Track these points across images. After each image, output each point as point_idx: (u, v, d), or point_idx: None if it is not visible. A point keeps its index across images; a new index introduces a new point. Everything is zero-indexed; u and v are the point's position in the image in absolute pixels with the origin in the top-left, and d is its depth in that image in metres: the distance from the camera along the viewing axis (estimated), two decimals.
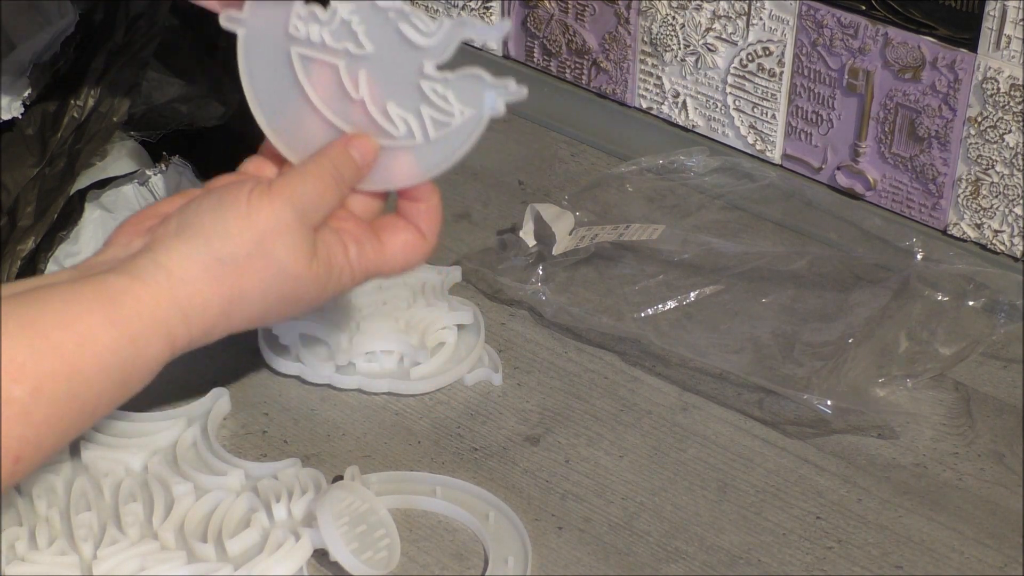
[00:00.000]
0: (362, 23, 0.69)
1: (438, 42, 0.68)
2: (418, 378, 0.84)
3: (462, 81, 0.69)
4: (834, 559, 0.75)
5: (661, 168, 1.02)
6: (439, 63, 0.69)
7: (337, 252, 0.68)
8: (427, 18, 0.68)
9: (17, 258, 0.83)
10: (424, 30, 0.68)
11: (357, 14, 0.69)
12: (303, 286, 0.67)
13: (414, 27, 0.68)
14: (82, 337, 0.60)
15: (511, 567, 0.73)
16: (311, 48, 0.70)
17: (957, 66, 0.89)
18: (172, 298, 0.63)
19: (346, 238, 0.69)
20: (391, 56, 0.69)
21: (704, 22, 1.00)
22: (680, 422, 0.84)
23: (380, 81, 0.69)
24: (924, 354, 0.86)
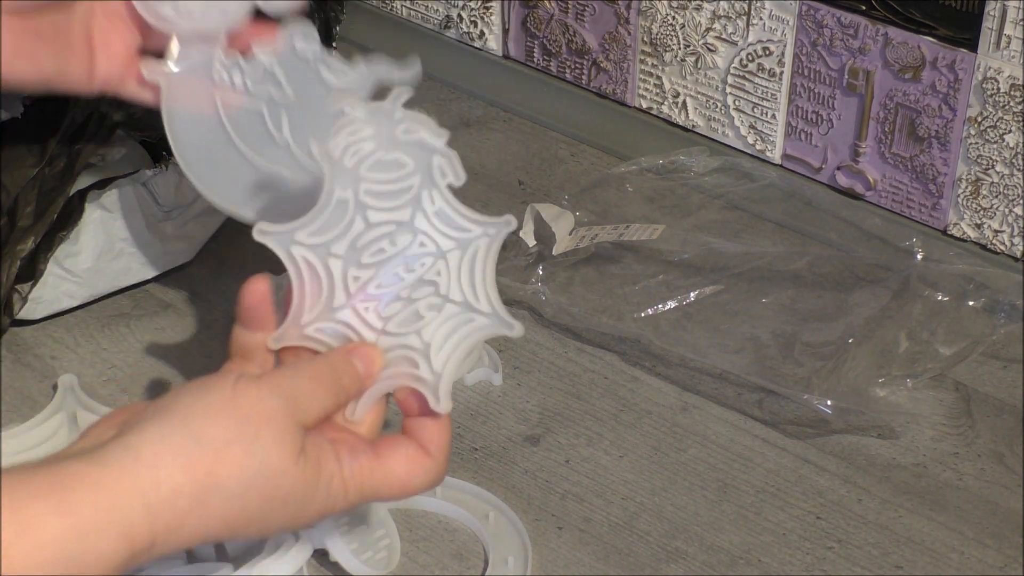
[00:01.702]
0: (283, 69, 0.72)
1: (353, 83, 0.72)
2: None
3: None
4: (834, 559, 0.75)
5: (661, 168, 1.02)
6: None
7: (328, 457, 0.60)
8: (343, 62, 0.72)
9: (17, 258, 0.83)
10: (342, 73, 0.72)
11: (278, 60, 0.72)
12: (288, 486, 0.58)
13: (332, 70, 0.72)
14: (23, 526, 0.51)
15: (511, 567, 0.73)
16: (234, 95, 0.72)
17: (957, 66, 0.89)
18: (135, 484, 0.54)
19: (339, 447, 0.60)
20: (312, 100, 0.72)
21: (704, 22, 1.00)
22: (680, 422, 0.84)
23: (302, 123, 0.72)
24: (924, 354, 0.86)
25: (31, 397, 0.84)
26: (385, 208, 0.63)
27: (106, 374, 0.86)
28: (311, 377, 0.60)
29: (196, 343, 0.89)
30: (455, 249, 0.64)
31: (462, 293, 0.63)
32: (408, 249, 0.63)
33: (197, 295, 0.93)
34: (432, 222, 0.63)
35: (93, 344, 0.88)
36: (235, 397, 0.57)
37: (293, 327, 0.63)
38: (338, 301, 0.64)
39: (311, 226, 0.63)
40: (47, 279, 0.86)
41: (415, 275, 0.63)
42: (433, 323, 0.63)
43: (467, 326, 0.63)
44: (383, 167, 0.63)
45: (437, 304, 0.63)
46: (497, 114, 1.13)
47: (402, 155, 0.63)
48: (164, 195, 0.90)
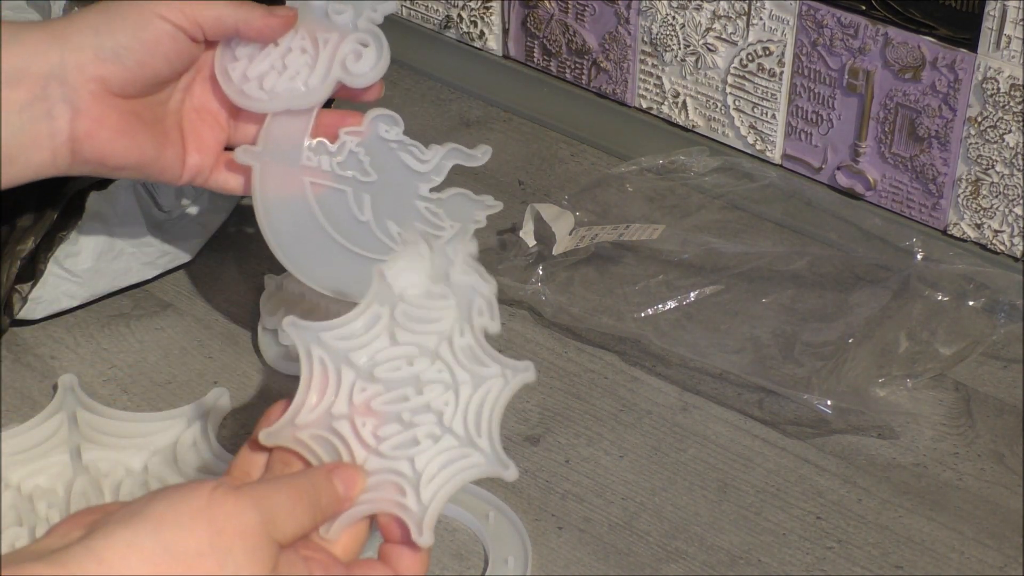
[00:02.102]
0: (368, 154, 0.78)
1: (433, 167, 0.79)
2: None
3: (451, 200, 0.78)
4: (834, 559, 0.75)
5: (661, 168, 1.02)
6: (433, 186, 0.78)
7: (300, 573, 0.58)
8: (423, 147, 0.79)
9: (17, 258, 0.83)
10: (422, 158, 0.79)
11: (363, 145, 0.78)
12: None
13: (412, 155, 0.78)
14: None
15: (511, 567, 0.73)
16: (322, 177, 0.77)
17: (957, 66, 0.89)
18: None
19: (312, 565, 0.59)
20: (393, 181, 0.78)
21: (704, 22, 1.00)
22: (680, 422, 0.84)
23: (383, 203, 0.77)
24: (924, 354, 0.86)
25: (31, 397, 0.84)
26: (415, 331, 0.64)
27: (106, 374, 0.86)
28: (290, 494, 0.58)
29: (196, 343, 0.89)
30: (468, 383, 0.63)
31: (465, 428, 0.62)
32: (424, 373, 0.63)
33: (197, 295, 0.93)
34: (455, 354, 0.63)
35: (93, 344, 0.88)
36: (211, 507, 0.55)
37: (288, 426, 0.63)
38: (339, 410, 0.63)
39: (338, 330, 0.64)
40: (47, 279, 0.86)
41: (422, 399, 0.63)
42: (428, 452, 0.62)
43: (462, 461, 0.62)
44: (426, 296, 0.64)
45: (436, 434, 0.62)
46: (497, 114, 1.13)
47: (447, 290, 0.64)
48: (164, 195, 0.90)
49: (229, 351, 0.88)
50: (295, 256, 0.76)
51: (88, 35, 0.70)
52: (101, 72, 0.70)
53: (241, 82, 0.76)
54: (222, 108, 0.77)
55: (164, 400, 0.84)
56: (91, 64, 0.69)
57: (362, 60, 0.76)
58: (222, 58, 0.76)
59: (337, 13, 0.76)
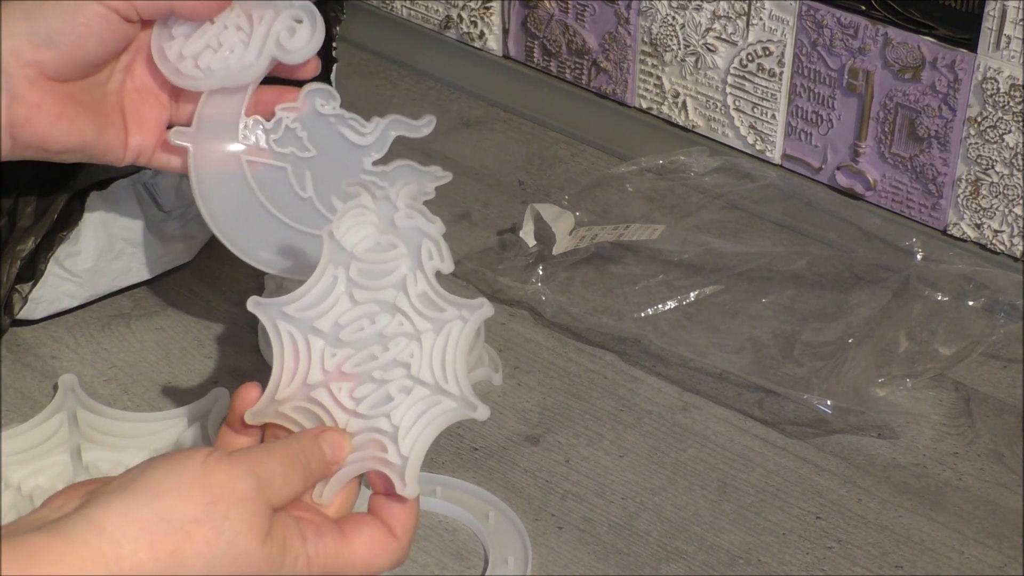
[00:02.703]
0: (305, 129, 0.77)
1: (375, 139, 0.77)
2: None
3: (397, 172, 0.77)
4: (834, 559, 0.75)
5: (661, 168, 1.02)
6: (376, 158, 0.77)
7: (294, 536, 0.59)
8: (362, 120, 0.77)
9: (17, 258, 0.83)
10: (362, 131, 0.77)
11: (300, 121, 0.77)
12: (254, 566, 0.57)
13: (353, 129, 0.77)
14: None
15: (511, 567, 0.73)
16: (259, 154, 0.76)
17: (957, 66, 0.89)
18: (99, 559, 0.53)
19: (304, 526, 0.60)
20: (334, 156, 0.76)
21: (704, 22, 1.00)
22: (680, 422, 0.84)
23: (325, 179, 0.76)
24: (924, 354, 0.86)
25: (31, 397, 0.84)
26: (371, 288, 0.64)
27: (106, 374, 0.86)
28: (282, 459, 0.60)
29: (196, 343, 0.89)
30: (430, 331, 0.63)
31: (432, 375, 0.63)
32: (386, 328, 0.64)
33: (197, 295, 0.93)
34: (413, 303, 0.64)
35: (93, 344, 0.88)
36: (206, 475, 0.56)
37: (270, 403, 0.64)
38: (314, 378, 0.64)
39: (300, 301, 0.64)
40: (47, 279, 0.86)
41: (389, 355, 0.63)
42: (403, 405, 0.63)
43: (435, 408, 0.63)
44: (377, 249, 0.64)
45: (408, 386, 0.63)
46: (497, 114, 1.13)
47: (395, 239, 0.64)
48: (164, 195, 0.90)
49: (229, 351, 0.88)
50: (236, 237, 0.76)
51: (20, 21, 0.69)
52: (36, 57, 0.69)
53: (177, 60, 0.75)
54: (162, 88, 0.76)
55: (164, 400, 0.84)
56: (26, 50, 0.69)
57: (296, 36, 0.75)
58: (158, 37, 0.75)
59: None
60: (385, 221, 0.64)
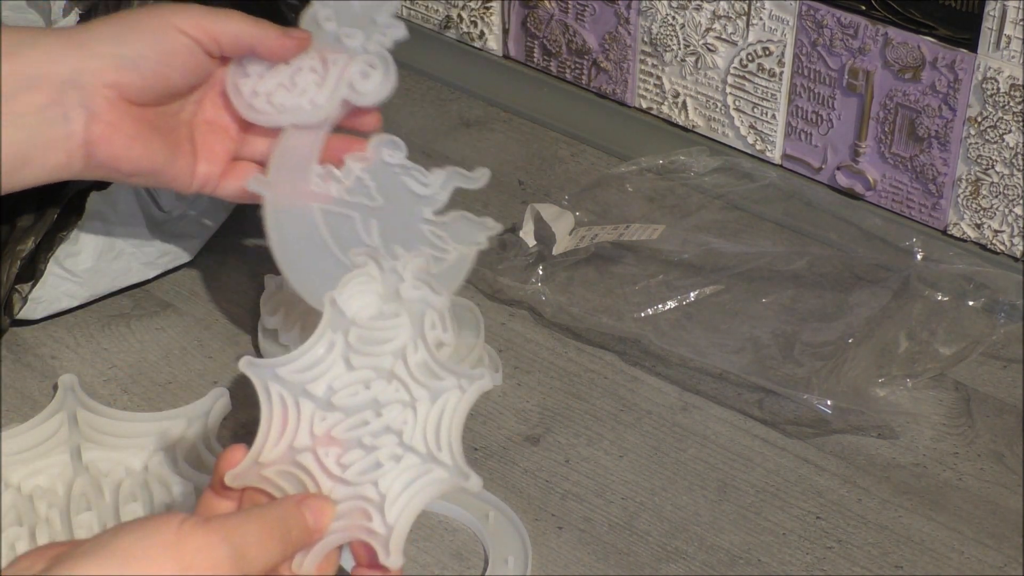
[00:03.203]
0: (373, 179, 0.79)
1: (436, 191, 0.79)
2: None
3: (455, 223, 0.78)
4: (834, 559, 0.75)
5: (661, 168, 1.02)
6: (436, 208, 0.79)
7: None
8: (424, 171, 0.79)
9: (17, 258, 0.83)
10: (424, 181, 0.79)
11: (368, 171, 0.79)
12: None
13: (415, 179, 0.79)
14: None
15: (511, 567, 0.73)
16: (330, 202, 0.78)
17: (957, 66, 0.89)
18: None
19: None
20: (398, 205, 0.79)
21: (704, 22, 1.00)
22: (680, 422, 0.84)
23: (388, 227, 0.78)
24: (924, 354, 0.86)
25: (31, 397, 0.84)
26: (369, 354, 0.63)
27: (106, 374, 0.86)
28: (260, 526, 0.58)
29: (196, 343, 0.89)
30: (426, 399, 0.62)
31: (425, 444, 0.62)
32: (381, 395, 0.63)
33: (197, 295, 0.93)
34: (411, 371, 0.63)
35: (93, 344, 0.88)
36: (179, 542, 0.55)
37: (253, 466, 0.62)
38: (301, 442, 0.62)
39: (294, 364, 0.63)
40: (47, 279, 0.86)
41: (382, 421, 0.62)
42: (391, 473, 0.61)
43: (425, 477, 0.61)
44: (379, 317, 0.64)
45: (398, 454, 0.62)
46: (497, 114, 1.13)
47: (399, 308, 0.64)
48: (164, 195, 0.90)
49: (229, 351, 0.88)
50: (304, 278, 0.77)
51: (107, 43, 0.71)
52: (118, 79, 0.71)
53: (251, 97, 0.78)
54: (232, 122, 0.78)
55: (164, 400, 0.84)
56: (109, 71, 0.71)
57: (369, 79, 0.78)
58: (234, 74, 0.78)
59: (348, 37, 0.78)
60: (389, 291, 0.64)
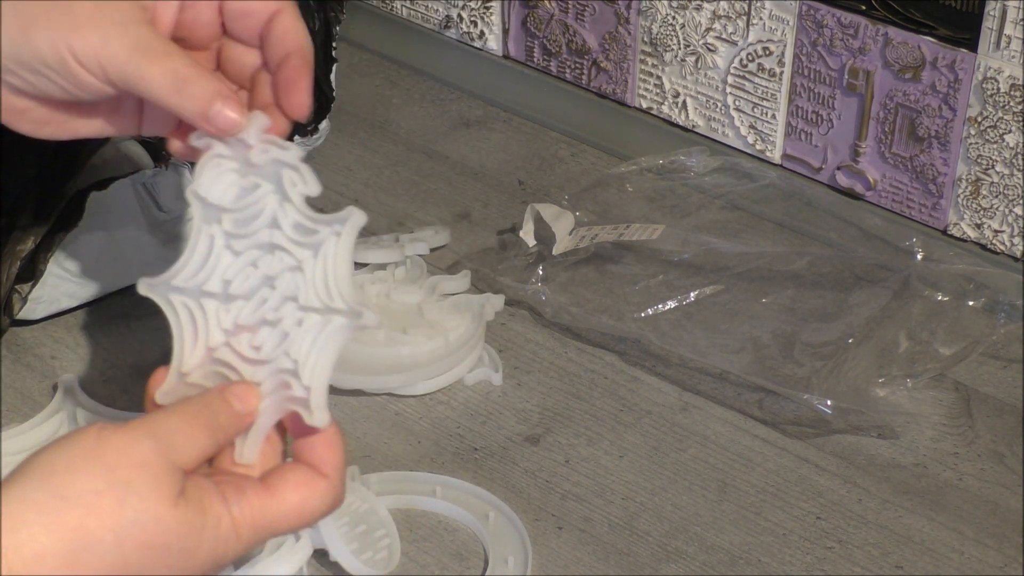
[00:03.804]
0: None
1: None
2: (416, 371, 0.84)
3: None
4: (834, 559, 0.75)
5: (661, 168, 1.02)
6: None
7: (212, 498, 0.55)
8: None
9: (17, 258, 0.83)
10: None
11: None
12: (169, 532, 0.53)
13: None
14: None
15: (511, 567, 0.73)
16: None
17: (957, 66, 0.89)
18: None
19: (224, 487, 0.56)
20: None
21: (704, 22, 1.00)
22: (680, 422, 0.84)
23: None
24: (924, 354, 0.86)
25: (31, 397, 0.84)
26: (247, 234, 0.62)
27: (106, 374, 0.86)
28: (184, 416, 0.56)
29: None
30: (309, 257, 0.61)
31: (319, 299, 0.61)
32: (270, 268, 0.62)
33: None
34: (288, 235, 0.61)
35: (93, 344, 0.88)
36: (100, 445, 0.53)
37: (178, 378, 0.61)
38: (215, 340, 0.62)
39: (185, 270, 0.62)
40: (47, 279, 0.86)
41: (277, 293, 0.61)
42: (298, 338, 0.61)
43: (327, 330, 0.60)
44: (243, 194, 0.62)
45: (299, 318, 0.61)
46: (497, 114, 1.13)
47: (258, 178, 0.62)
48: (164, 195, 0.90)
49: None
50: None
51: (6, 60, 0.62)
52: (24, 106, 0.63)
53: None
54: None
55: None
56: (10, 97, 0.63)
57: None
58: None
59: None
60: (243, 164, 0.62)
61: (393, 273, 0.91)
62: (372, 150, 1.07)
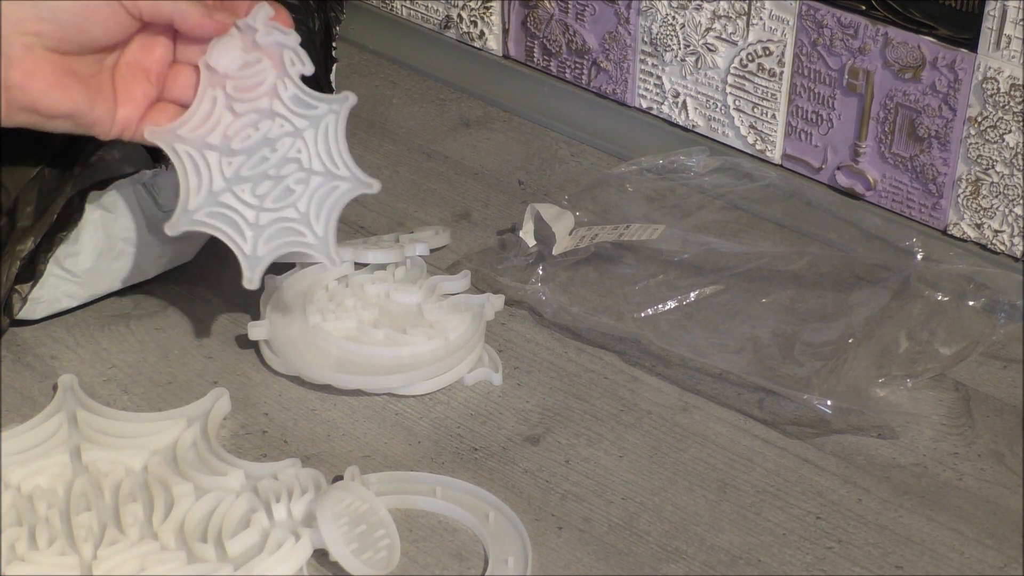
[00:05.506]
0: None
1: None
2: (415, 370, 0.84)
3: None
4: (834, 559, 0.75)
5: (661, 168, 1.02)
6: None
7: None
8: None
9: (17, 258, 0.83)
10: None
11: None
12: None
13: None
14: None
15: (511, 567, 0.73)
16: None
17: (957, 66, 0.89)
18: None
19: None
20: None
21: (704, 22, 1.00)
22: (680, 422, 0.84)
23: None
24: (924, 354, 0.86)
25: (31, 397, 0.84)
26: (248, 100, 0.75)
27: (106, 374, 0.86)
28: None
29: (196, 343, 0.89)
30: (309, 127, 0.75)
31: (323, 164, 0.75)
32: (269, 132, 0.75)
33: (197, 295, 0.93)
34: (287, 106, 0.75)
35: (93, 344, 0.88)
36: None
37: (184, 213, 0.76)
38: (217, 186, 0.75)
39: (189, 123, 0.75)
40: (47, 279, 0.86)
41: (279, 154, 0.75)
42: (305, 195, 0.75)
43: (334, 192, 0.76)
44: (246, 66, 0.75)
45: (303, 178, 0.75)
46: (497, 114, 1.13)
47: (260, 54, 0.75)
48: (164, 195, 0.90)
49: (229, 351, 0.88)
50: None
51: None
52: (37, 29, 0.72)
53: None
54: (153, 64, 0.78)
55: (164, 400, 0.84)
56: (28, 21, 0.72)
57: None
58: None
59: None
60: (248, 43, 0.75)
61: (393, 273, 0.91)
62: (372, 150, 1.07)
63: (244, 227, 0.76)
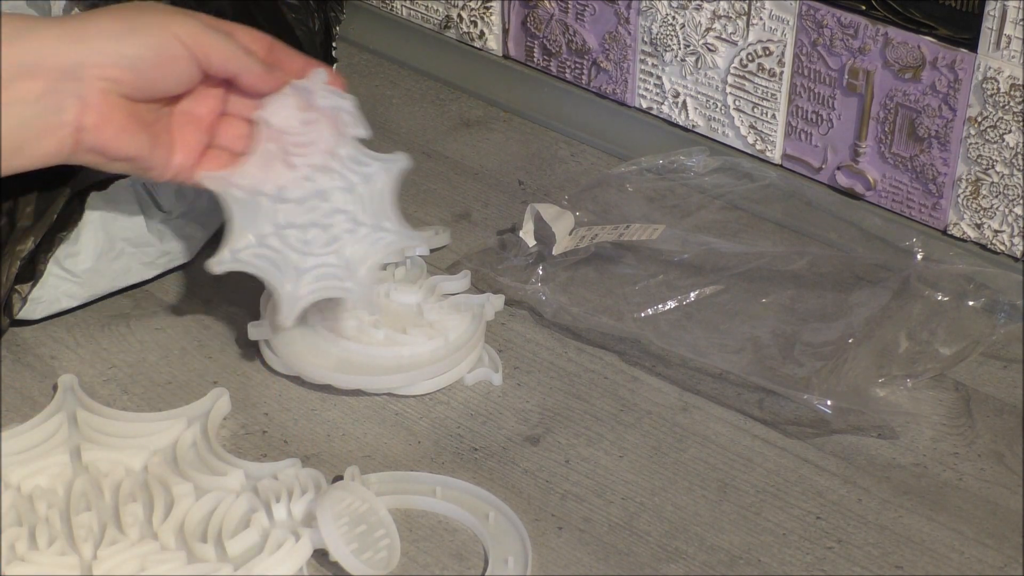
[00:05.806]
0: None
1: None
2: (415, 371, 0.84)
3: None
4: (834, 559, 0.75)
5: (661, 168, 1.02)
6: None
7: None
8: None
9: (17, 258, 0.83)
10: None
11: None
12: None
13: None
14: None
15: (511, 567, 0.73)
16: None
17: (957, 66, 0.89)
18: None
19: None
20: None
21: (704, 22, 1.00)
22: (680, 422, 0.84)
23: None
24: (924, 354, 0.86)
25: (31, 397, 0.84)
26: (304, 154, 0.78)
27: (106, 374, 0.86)
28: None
29: (196, 343, 0.89)
30: (361, 183, 0.78)
31: (371, 217, 0.78)
32: (323, 185, 0.78)
33: (197, 295, 0.93)
34: (343, 163, 0.78)
35: (93, 344, 0.88)
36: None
37: (229, 252, 0.78)
38: (264, 230, 0.78)
39: (243, 170, 0.78)
40: (47, 279, 0.86)
41: (329, 205, 0.78)
42: (350, 243, 0.78)
43: (379, 242, 0.79)
44: (304, 123, 0.78)
45: (351, 228, 0.78)
46: (497, 114, 1.13)
47: (317, 115, 0.78)
48: (164, 195, 0.90)
49: (229, 351, 0.88)
50: None
51: (109, 40, 0.75)
52: (117, 76, 0.75)
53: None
54: (206, 113, 0.81)
55: (164, 400, 0.84)
56: (108, 67, 0.75)
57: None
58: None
59: None
60: (304, 103, 0.78)
61: (393, 273, 0.91)
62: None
63: (287, 269, 0.78)
